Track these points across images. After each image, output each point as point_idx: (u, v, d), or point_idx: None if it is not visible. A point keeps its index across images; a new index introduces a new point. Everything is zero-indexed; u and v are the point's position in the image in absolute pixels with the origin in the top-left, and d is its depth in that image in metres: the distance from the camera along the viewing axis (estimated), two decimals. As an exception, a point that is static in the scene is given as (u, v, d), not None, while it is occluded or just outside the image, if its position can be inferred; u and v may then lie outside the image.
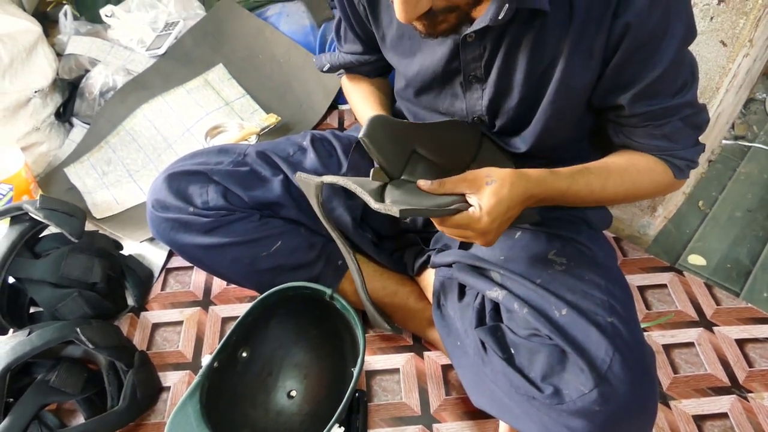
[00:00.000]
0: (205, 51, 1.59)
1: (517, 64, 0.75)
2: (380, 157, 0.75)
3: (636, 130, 0.78)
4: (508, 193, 0.69)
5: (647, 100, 0.74)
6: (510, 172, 0.70)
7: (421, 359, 1.04)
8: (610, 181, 0.78)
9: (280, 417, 0.91)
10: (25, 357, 0.88)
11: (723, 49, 0.96)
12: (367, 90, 1.02)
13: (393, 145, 0.77)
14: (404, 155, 0.78)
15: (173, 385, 1.02)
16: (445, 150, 0.81)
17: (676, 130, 0.77)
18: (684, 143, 0.79)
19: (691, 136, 0.79)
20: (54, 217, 0.98)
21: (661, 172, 0.80)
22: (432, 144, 0.80)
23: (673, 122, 0.76)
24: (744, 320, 1.09)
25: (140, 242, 1.24)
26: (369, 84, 1.03)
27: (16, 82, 1.39)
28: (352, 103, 1.05)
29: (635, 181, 0.80)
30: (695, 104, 0.77)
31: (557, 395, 0.67)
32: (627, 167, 0.79)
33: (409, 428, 0.94)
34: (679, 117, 0.76)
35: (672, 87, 0.73)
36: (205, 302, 1.16)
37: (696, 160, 0.82)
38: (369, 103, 0.98)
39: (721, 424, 0.94)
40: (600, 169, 0.79)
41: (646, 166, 0.80)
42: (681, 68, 0.73)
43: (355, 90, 1.03)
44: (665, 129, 0.76)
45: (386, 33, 0.87)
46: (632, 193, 0.81)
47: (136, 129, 1.45)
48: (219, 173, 0.93)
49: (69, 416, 0.97)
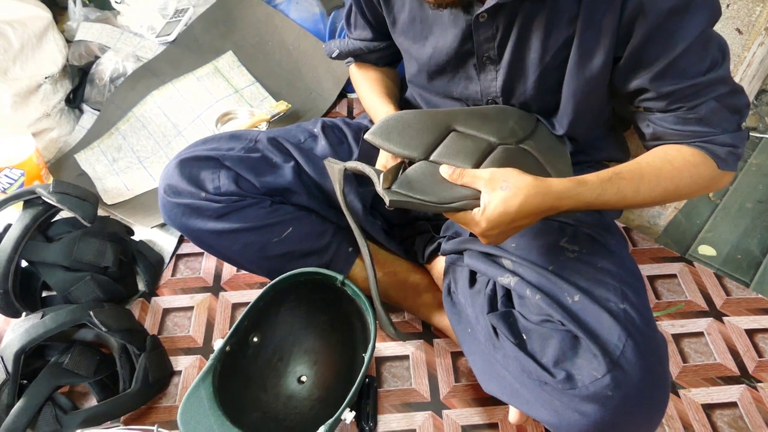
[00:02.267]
0: (214, 38, 1.59)
1: (531, 44, 0.74)
2: (389, 147, 0.76)
3: (667, 116, 0.74)
4: (518, 206, 0.67)
5: (673, 79, 0.70)
6: (531, 182, 0.67)
7: (431, 346, 1.04)
8: (644, 184, 0.72)
9: (291, 401, 0.92)
10: (38, 339, 0.89)
11: (738, 37, 0.95)
12: (376, 79, 1.02)
13: (408, 131, 0.77)
14: (428, 137, 0.77)
15: (184, 369, 1.02)
16: (491, 124, 0.79)
17: (712, 111, 0.72)
18: (723, 127, 0.73)
19: (730, 119, 0.73)
20: (67, 201, 0.98)
21: (701, 165, 0.73)
22: (473, 120, 0.79)
23: (707, 103, 0.71)
24: (754, 310, 1.09)
25: (151, 228, 1.25)
26: (377, 73, 1.03)
27: (27, 68, 1.40)
28: (359, 92, 1.05)
29: (674, 179, 0.73)
30: (729, 82, 0.72)
31: (569, 380, 0.67)
32: (662, 166, 0.73)
33: (418, 414, 0.95)
34: (713, 96, 0.71)
35: (700, 65, 0.70)
36: (216, 288, 1.16)
37: (739, 146, 0.74)
38: (376, 93, 0.98)
39: (731, 413, 0.94)
40: (632, 172, 0.73)
41: (684, 161, 0.73)
42: (708, 45, 0.70)
43: (364, 79, 1.03)
44: (700, 111, 0.72)
45: (398, 17, 0.87)
46: (672, 192, 0.74)
47: (146, 116, 1.46)
48: (231, 159, 0.93)
49: (81, 399, 0.98)
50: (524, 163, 0.78)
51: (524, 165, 0.75)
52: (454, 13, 0.77)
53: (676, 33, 0.68)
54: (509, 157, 0.78)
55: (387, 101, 0.95)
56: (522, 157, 0.80)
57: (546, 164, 0.81)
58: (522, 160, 0.79)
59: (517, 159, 0.78)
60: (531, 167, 0.77)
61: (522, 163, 0.77)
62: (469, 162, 0.76)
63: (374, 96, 0.98)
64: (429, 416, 0.95)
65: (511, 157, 0.78)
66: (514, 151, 0.79)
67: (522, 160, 0.79)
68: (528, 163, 0.79)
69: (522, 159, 0.79)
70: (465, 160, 0.76)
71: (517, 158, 0.79)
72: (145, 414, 0.96)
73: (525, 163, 0.78)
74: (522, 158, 0.80)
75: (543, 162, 0.81)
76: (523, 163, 0.78)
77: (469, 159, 0.76)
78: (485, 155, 0.77)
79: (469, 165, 0.75)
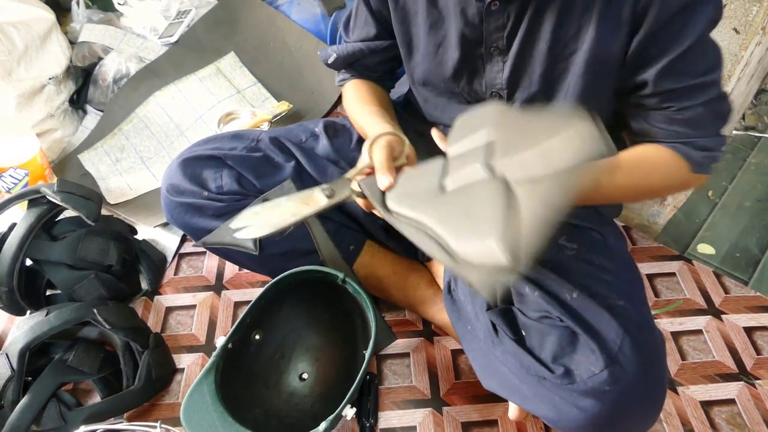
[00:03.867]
0: (217, 39, 1.60)
1: (541, 34, 0.73)
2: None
3: (656, 113, 0.75)
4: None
5: (673, 77, 0.71)
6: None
7: (431, 344, 1.05)
8: (618, 176, 0.73)
9: (293, 398, 0.93)
10: (43, 336, 0.90)
11: (736, 36, 0.96)
12: (369, 99, 0.94)
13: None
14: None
15: (187, 367, 1.03)
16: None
17: (698, 116, 0.73)
18: (705, 131, 0.74)
19: (714, 124, 0.75)
20: (71, 200, 0.99)
21: (674, 165, 0.76)
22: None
23: (695, 107, 0.72)
24: (752, 308, 1.10)
25: (154, 227, 1.26)
26: (371, 93, 0.96)
27: (31, 69, 1.41)
28: (349, 111, 0.97)
29: (647, 175, 0.76)
30: (719, 87, 0.73)
31: (568, 375, 0.68)
32: (639, 161, 0.76)
33: (419, 411, 0.96)
34: (702, 101, 0.72)
35: (698, 66, 0.70)
36: (218, 287, 1.17)
37: (716, 150, 0.76)
38: (371, 113, 0.89)
39: (729, 409, 0.95)
40: (608, 162, 0.73)
41: (661, 160, 0.76)
42: (707, 48, 0.70)
43: (356, 99, 0.95)
44: (687, 113, 0.73)
45: (402, 2, 0.85)
46: (644, 187, 0.78)
47: (149, 116, 1.47)
48: (233, 158, 0.94)
49: (85, 396, 0.99)
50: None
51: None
52: (464, 0, 0.75)
53: (683, 29, 0.67)
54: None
55: (381, 121, 0.85)
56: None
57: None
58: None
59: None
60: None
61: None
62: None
63: (368, 116, 0.89)
64: (429, 413, 0.95)
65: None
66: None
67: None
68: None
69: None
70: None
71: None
72: (149, 411, 0.97)
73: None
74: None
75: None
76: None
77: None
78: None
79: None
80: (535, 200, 0.55)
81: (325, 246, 0.97)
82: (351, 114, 0.97)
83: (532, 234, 0.53)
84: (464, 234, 0.56)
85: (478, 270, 0.55)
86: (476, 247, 0.55)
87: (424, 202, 0.63)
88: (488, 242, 0.53)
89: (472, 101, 0.87)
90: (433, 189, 0.64)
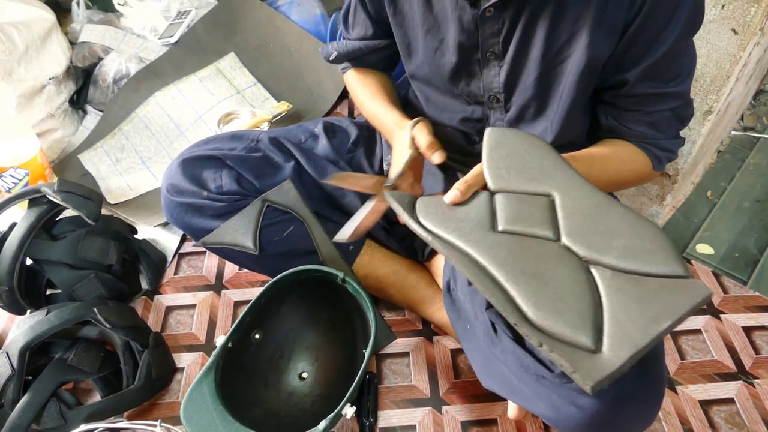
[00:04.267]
0: (216, 39, 1.60)
1: (535, 40, 0.75)
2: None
3: (626, 113, 0.79)
4: None
5: (649, 81, 0.74)
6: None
7: (431, 343, 1.05)
8: (594, 169, 0.77)
9: (292, 398, 0.93)
10: (44, 335, 0.90)
11: (734, 37, 0.96)
12: (376, 87, 0.99)
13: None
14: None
15: (187, 366, 1.03)
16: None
17: (664, 119, 0.78)
18: (667, 133, 0.80)
19: (675, 127, 0.81)
20: (71, 199, 0.99)
21: (641, 162, 0.82)
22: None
23: (662, 112, 0.77)
24: (751, 308, 1.10)
25: (154, 227, 1.26)
26: (376, 80, 1.00)
27: (32, 69, 1.41)
28: (358, 99, 1.01)
29: (618, 170, 0.81)
30: (687, 96, 0.78)
31: (566, 374, 0.68)
32: (610, 156, 0.81)
33: (418, 410, 0.96)
34: (670, 107, 0.77)
35: (671, 72, 0.74)
36: (218, 286, 1.18)
37: (676, 152, 0.84)
38: (378, 100, 0.96)
39: (727, 409, 0.95)
40: (584, 156, 0.79)
41: (629, 156, 0.81)
42: (684, 56, 0.74)
43: (363, 87, 1.00)
44: (654, 117, 0.78)
45: (400, 8, 0.86)
46: (614, 181, 0.82)
47: (148, 116, 1.47)
48: (233, 158, 0.94)
49: (85, 395, 0.99)
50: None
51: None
52: (460, 7, 0.76)
53: (661, 34, 0.71)
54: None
55: (391, 109, 0.92)
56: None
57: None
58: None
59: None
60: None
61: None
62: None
63: (376, 104, 0.95)
64: (429, 412, 0.96)
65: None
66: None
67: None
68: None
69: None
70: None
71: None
72: (149, 410, 0.97)
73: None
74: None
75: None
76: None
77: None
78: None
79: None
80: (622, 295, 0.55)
81: (324, 246, 0.97)
82: (358, 101, 1.01)
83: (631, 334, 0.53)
84: (546, 309, 0.56)
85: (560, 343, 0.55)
86: (563, 331, 0.55)
87: (470, 232, 0.63)
88: (580, 338, 0.54)
89: (471, 102, 0.88)
90: (481, 220, 0.63)
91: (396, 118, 0.90)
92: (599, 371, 0.51)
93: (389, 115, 0.91)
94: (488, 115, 0.88)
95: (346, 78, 1.05)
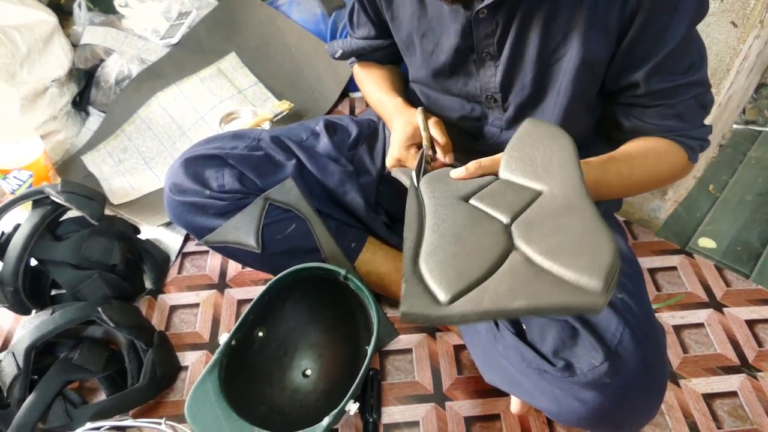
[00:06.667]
0: (217, 40, 1.61)
1: (530, 40, 0.75)
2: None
3: (647, 110, 0.77)
4: None
5: (662, 77, 0.73)
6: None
7: (434, 339, 1.06)
8: (636, 167, 0.76)
9: (296, 395, 0.93)
10: (49, 335, 0.91)
11: (734, 30, 0.96)
12: (380, 76, 1.02)
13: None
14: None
15: (191, 365, 1.04)
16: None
17: (689, 108, 0.76)
18: (694, 123, 0.78)
19: (700, 115, 0.79)
20: (75, 200, 1.00)
21: (677, 154, 0.79)
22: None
23: (686, 101, 0.75)
24: (754, 301, 1.10)
25: (157, 227, 1.26)
26: (381, 70, 1.03)
27: (34, 71, 1.42)
28: (364, 89, 1.05)
29: (657, 165, 0.78)
30: (706, 82, 0.77)
31: (568, 368, 0.68)
32: (647, 152, 0.78)
33: (421, 406, 0.96)
34: (692, 95, 0.75)
35: (684, 63, 0.73)
36: (221, 285, 1.18)
37: (707, 140, 0.81)
38: (382, 89, 0.98)
39: (731, 402, 0.95)
40: (623, 155, 0.77)
41: (665, 150, 0.79)
42: (692, 45, 0.73)
43: (368, 77, 1.03)
44: (678, 108, 0.76)
45: (397, 14, 0.87)
46: (655, 177, 0.80)
47: (151, 117, 1.48)
48: (234, 157, 0.95)
49: (91, 394, 1.00)
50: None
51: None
52: (454, 9, 0.77)
53: (668, 30, 0.70)
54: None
55: (393, 95, 0.95)
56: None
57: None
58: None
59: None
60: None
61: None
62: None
63: (380, 92, 0.98)
64: (432, 408, 0.96)
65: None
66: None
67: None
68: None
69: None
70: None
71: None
72: (153, 408, 0.98)
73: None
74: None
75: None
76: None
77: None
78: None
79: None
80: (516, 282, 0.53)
81: (326, 243, 0.97)
82: (364, 91, 1.05)
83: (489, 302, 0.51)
84: (436, 259, 0.57)
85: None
86: (431, 283, 0.55)
87: (442, 194, 0.67)
88: (438, 293, 0.53)
89: (471, 102, 0.88)
90: (461, 191, 0.66)
91: (397, 104, 0.92)
92: (423, 308, 0.52)
93: (390, 101, 0.94)
94: (487, 114, 0.88)
95: (354, 70, 1.09)
